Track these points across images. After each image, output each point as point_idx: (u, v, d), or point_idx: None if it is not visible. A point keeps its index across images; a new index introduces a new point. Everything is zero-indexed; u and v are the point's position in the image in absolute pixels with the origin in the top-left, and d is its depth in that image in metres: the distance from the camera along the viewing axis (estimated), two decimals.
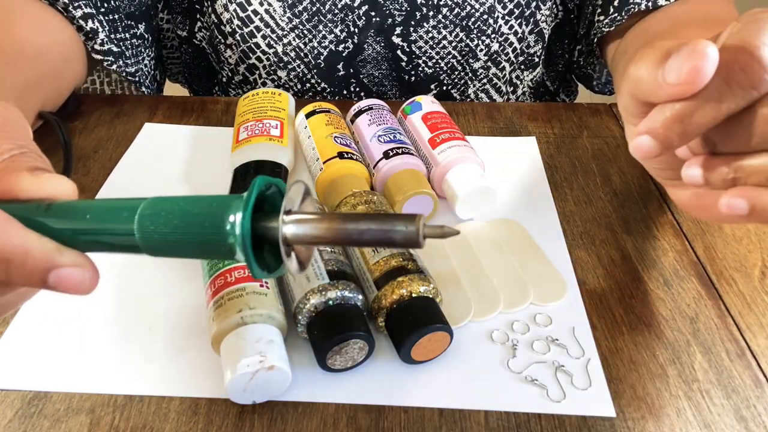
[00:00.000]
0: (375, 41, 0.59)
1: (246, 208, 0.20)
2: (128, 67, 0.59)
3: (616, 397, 0.34)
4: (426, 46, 0.60)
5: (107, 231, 0.22)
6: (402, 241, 0.20)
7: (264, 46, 0.60)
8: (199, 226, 0.21)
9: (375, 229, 0.20)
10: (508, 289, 0.40)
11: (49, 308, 0.39)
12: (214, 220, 0.21)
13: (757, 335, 0.38)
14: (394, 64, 0.61)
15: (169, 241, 0.21)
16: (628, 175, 0.52)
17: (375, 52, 0.60)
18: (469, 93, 0.65)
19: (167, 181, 0.50)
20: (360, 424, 0.33)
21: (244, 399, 0.33)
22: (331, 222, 0.21)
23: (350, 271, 0.37)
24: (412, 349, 0.34)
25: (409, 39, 0.59)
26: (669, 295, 0.41)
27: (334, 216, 0.21)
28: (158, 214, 0.21)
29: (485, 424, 0.33)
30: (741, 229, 0.46)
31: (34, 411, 0.33)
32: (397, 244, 0.20)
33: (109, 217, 0.22)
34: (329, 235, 0.21)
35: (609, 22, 0.56)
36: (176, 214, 0.21)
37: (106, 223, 0.22)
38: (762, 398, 0.34)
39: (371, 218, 0.21)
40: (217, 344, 0.33)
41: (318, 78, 0.62)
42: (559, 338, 0.37)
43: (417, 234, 0.20)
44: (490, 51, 0.62)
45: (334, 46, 0.60)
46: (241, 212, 0.20)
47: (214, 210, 0.21)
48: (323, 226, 0.21)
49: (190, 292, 0.40)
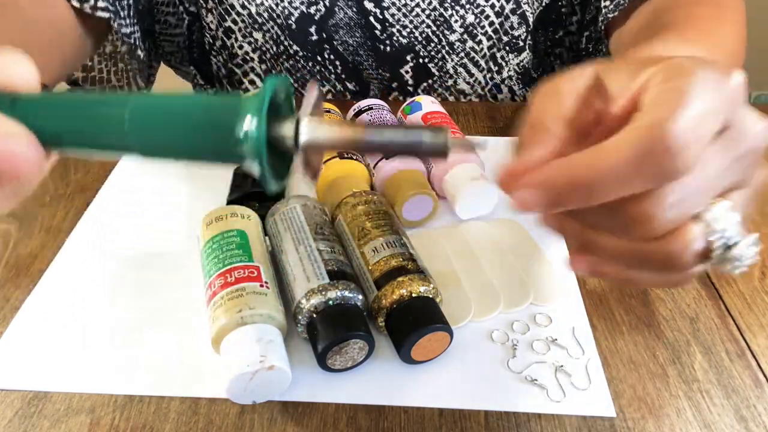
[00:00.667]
0: (346, 5, 0.60)
1: (261, 115, 0.19)
2: (123, 28, 0.57)
3: (616, 397, 0.34)
4: (399, 13, 0.60)
5: (94, 130, 0.20)
6: (429, 149, 0.20)
7: (238, 7, 0.61)
8: (206, 131, 0.20)
9: (401, 139, 0.20)
10: (508, 289, 0.40)
11: (49, 308, 0.39)
12: (223, 126, 0.19)
13: (757, 335, 0.38)
14: (368, 32, 0.61)
15: (167, 144, 0.20)
16: None
17: (347, 17, 0.60)
18: (448, 68, 0.64)
19: (168, 180, 0.50)
20: (360, 424, 0.33)
21: (244, 399, 0.33)
22: (355, 128, 0.20)
23: (350, 271, 0.37)
24: (412, 349, 0.34)
25: (381, 5, 0.59)
26: (669, 295, 0.41)
27: (360, 123, 0.21)
28: (156, 115, 0.20)
29: (485, 424, 0.33)
30: None
31: (34, 411, 0.33)
32: (423, 152, 0.20)
33: (96, 114, 0.20)
34: (351, 142, 0.20)
35: (613, 7, 0.56)
36: (178, 116, 0.20)
37: (93, 123, 0.20)
38: (762, 398, 0.34)
39: (397, 128, 0.21)
40: (217, 344, 0.33)
41: (290, 40, 0.62)
42: (559, 338, 0.37)
43: (446, 143, 0.20)
44: (466, 22, 0.61)
45: (305, 7, 0.60)
46: (256, 118, 0.19)
47: (222, 114, 0.20)
48: (346, 132, 0.20)
49: (190, 292, 0.40)
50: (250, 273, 0.35)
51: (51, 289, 0.40)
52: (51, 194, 0.49)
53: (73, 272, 0.41)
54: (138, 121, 0.20)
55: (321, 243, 0.37)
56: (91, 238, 0.44)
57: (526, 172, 0.21)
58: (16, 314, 0.38)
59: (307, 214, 0.40)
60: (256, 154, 0.19)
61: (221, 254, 0.37)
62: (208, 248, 0.38)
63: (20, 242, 0.44)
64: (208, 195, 0.48)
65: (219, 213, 0.40)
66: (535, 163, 0.22)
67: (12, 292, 0.40)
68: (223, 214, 0.39)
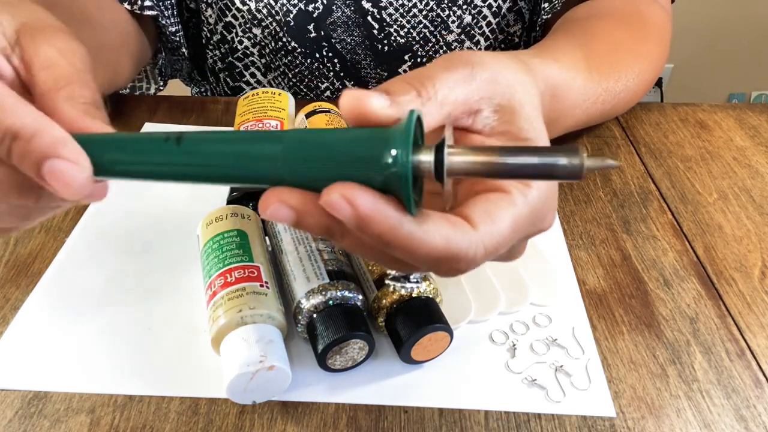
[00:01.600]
0: (344, 4, 0.60)
1: (408, 146, 0.20)
2: (171, 27, 0.59)
3: (616, 397, 0.34)
4: (396, 13, 0.60)
5: (250, 168, 0.22)
6: (564, 175, 0.20)
7: (238, 2, 0.61)
8: (356, 162, 0.21)
9: (536, 163, 0.20)
10: (508, 289, 0.40)
11: (49, 308, 0.39)
12: (373, 157, 0.21)
13: (757, 335, 0.38)
14: (366, 31, 0.61)
15: (319, 175, 0.22)
16: (628, 175, 0.52)
17: (345, 16, 0.60)
18: None
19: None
20: (360, 424, 0.33)
21: (244, 399, 0.33)
22: (490, 155, 0.21)
23: (350, 271, 0.37)
24: (412, 349, 0.34)
25: (379, 5, 0.60)
26: (669, 295, 0.41)
27: (494, 148, 0.21)
28: (309, 150, 0.22)
29: (485, 424, 0.33)
30: (741, 229, 0.46)
31: (34, 411, 0.33)
32: (558, 177, 0.20)
33: (252, 155, 0.22)
34: (487, 168, 0.21)
35: (549, 9, 0.57)
36: (329, 149, 0.21)
37: (246, 156, 0.22)
38: (762, 398, 0.34)
39: (531, 151, 0.21)
40: (217, 344, 0.33)
41: (289, 37, 0.62)
42: (558, 338, 0.37)
43: (581, 167, 0.20)
44: (463, 23, 0.61)
45: (303, 5, 0.60)
46: (404, 150, 0.20)
47: (372, 145, 0.21)
48: (483, 159, 0.21)
49: (190, 292, 0.40)
50: (250, 273, 0.35)
51: (51, 289, 0.40)
52: None
53: (73, 272, 0.41)
54: (292, 156, 0.22)
55: (321, 243, 0.37)
56: (91, 238, 0.44)
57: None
58: (16, 314, 0.38)
59: None
60: (404, 184, 0.21)
61: (221, 254, 0.37)
62: (208, 248, 0.38)
63: (20, 242, 0.44)
64: (208, 195, 0.48)
65: (219, 213, 0.40)
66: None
67: (12, 292, 0.40)
68: (223, 214, 0.39)
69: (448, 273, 0.24)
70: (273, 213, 0.22)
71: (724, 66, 1.85)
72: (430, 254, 0.22)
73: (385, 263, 0.25)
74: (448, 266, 0.23)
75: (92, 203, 0.47)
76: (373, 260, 0.25)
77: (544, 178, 0.21)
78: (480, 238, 0.23)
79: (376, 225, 0.21)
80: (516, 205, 0.24)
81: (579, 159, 0.20)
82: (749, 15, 1.74)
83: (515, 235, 0.24)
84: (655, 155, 0.55)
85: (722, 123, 0.60)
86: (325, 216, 0.22)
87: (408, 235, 0.21)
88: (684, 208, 0.48)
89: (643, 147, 0.56)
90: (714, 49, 1.81)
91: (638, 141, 0.57)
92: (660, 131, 0.58)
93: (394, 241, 0.21)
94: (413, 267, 0.24)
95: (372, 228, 0.21)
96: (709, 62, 1.84)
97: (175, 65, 0.68)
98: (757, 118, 0.60)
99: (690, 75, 1.87)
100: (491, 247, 0.23)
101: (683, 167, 0.53)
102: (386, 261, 0.25)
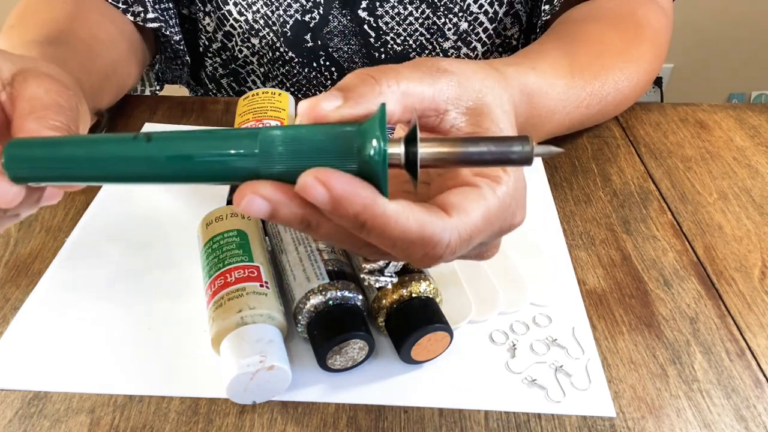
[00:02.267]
0: (340, 13, 0.60)
1: (377, 133, 0.22)
2: (175, 36, 0.60)
3: (616, 397, 0.34)
4: (392, 22, 0.60)
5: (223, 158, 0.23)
6: (518, 160, 0.22)
7: (236, 13, 0.61)
8: (331, 154, 0.22)
9: (494, 150, 0.23)
10: (507, 289, 0.40)
11: (49, 308, 0.39)
12: (346, 149, 0.22)
13: (757, 335, 0.38)
14: (362, 40, 0.62)
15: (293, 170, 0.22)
16: (628, 175, 0.52)
17: (341, 25, 0.61)
18: None
19: None
20: (360, 424, 0.33)
21: (244, 399, 0.33)
22: (454, 145, 0.23)
23: (350, 271, 0.37)
24: (412, 349, 0.34)
25: (375, 14, 0.60)
26: (669, 295, 0.41)
27: (456, 139, 0.23)
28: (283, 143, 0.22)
29: (485, 424, 0.33)
30: (741, 229, 0.46)
31: (34, 411, 0.33)
32: (512, 163, 0.23)
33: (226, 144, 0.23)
34: (453, 157, 0.23)
35: (549, 10, 0.57)
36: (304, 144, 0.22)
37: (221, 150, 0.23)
38: (762, 398, 0.34)
39: (488, 141, 0.23)
40: (217, 344, 0.33)
41: (286, 47, 0.62)
42: (558, 338, 0.37)
43: (531, 153, 0.22)
44: (459, 30, 0.61)
45: (300, 15, 0.60)
46: (380, 141, 0.22)
47: (345, 139, 0.22)
48: (448, 149, 0.23)
49: (190, 292, 0.40)
50: (250, 273, 0.35)
51: (51, 289, 0.40)
52: None
53: (73, 272, 0.41)
54: (267, 151, 0.23)
55: (321, 243, 0.37)
56: (91, 238, 0.44)
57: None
58: (16, 314, 0.38)
59: None
60: (381, 173, 0.22)
61: (221, 254, 0.37)
62: (208, 248, 0.38)
63: (20, 242, 0.44)
64: (208, 195, 0.48)
65: (219, 213, 0.40)
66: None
67: (12, 292, 0.40)
68: (223, 214, 0.39)
69: (423, 260, 0.24)
70: (247, 205, 0.22)
71: (724, 66, 1.85)
72: (405, 236, 0.23)
73: (361, 251, 0.25)
74: (423, 251, 0.23)
75: (92, 206, 0.47)
76: (349, 249, 0.25)
77: (501, 163, 0.23)
78: (454, 224, 0.24)
79: (351, 205, 0.21)
80: (486, 198, 0.25)
81: (529, 146, 0.22)
82: (749, 15, 1.74)
83: (487, 226, 0.25)
84: (655, 155, 0.55)
85: (722, 123, 0.60)
86: (301, 205, 0.22)
87: (383, 214, 0.22)
88: (684, 208, 0.48)
89: (643, 147, 0.56)
90: (714, 49, 1.81)
91: (638, 141, 0.57)
92: (660, 131, 0.58)
93: (370, 220, 0.22)
94: (388, 254, 0.25)
95: (347, 208, 0.21)
96: (709, 62, 1.84)
97: (175, 72, 0.68)
98: (757, 118, 0.60)
99: (690, 75, 1.87)
100: (465, 234, 0.24)
101: (683, 167, 0.53)
102: (362, 248, 0.25)
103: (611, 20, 0.52)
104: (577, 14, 0.54)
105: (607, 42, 0.50)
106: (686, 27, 1.73)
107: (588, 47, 0.48)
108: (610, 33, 0.51)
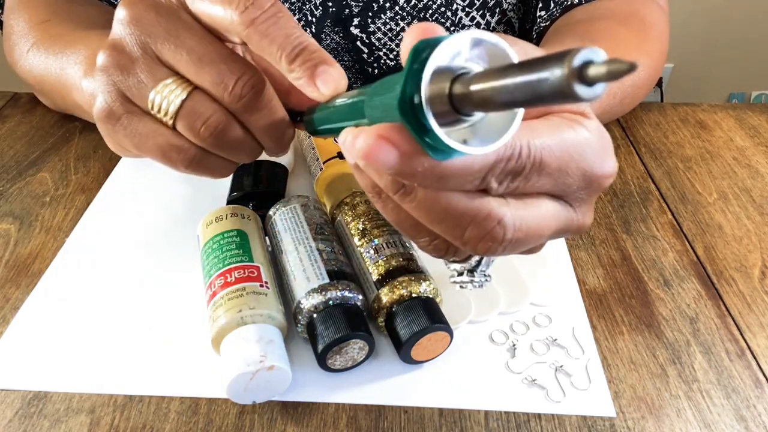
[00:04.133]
0: (333, 31, 0.60)
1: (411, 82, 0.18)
2: None
3: (616, 397, 0.34)
4: (385, 38, 0.60)
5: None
6: (551, 93, 0.14)
7: None
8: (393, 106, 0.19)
9: (521, 81, 0.15)
10: (508, 289, 0.40)
11: (49, 308, 0.39)
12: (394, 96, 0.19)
13: (757, 335, 0.38)
14: (355, 56, 0.62)
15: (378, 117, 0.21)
16: (628, 175, 0.52)
17: (334, 42, 0.61)
18: None
19: (168, 180, 0.50)
20: (360, 424, 0.33)
21: (244, 399, 0.33)
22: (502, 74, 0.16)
23: (350, 271, 0.37)
24: (412, 349, 0.34)
25: (367, 30, 0.60)
26: (669, 295, 0.41)
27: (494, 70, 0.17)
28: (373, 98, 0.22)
29: (485, 424, 0.33)
30: (741, 229, 0.46)
31: (34, 411, 0.33)
32: (546, 100, 0.15)
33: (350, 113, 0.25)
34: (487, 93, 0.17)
35: (547, 16, 0.57)
36: (379, 98, 0.21)
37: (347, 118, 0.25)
38: (762, 398, 0.34)
39: (518, 67, 0.15)
40: (217, 344, 0.33)
41: None
42: (558, 338, 0.37)
43: (566, 79, 0.13)
44: None
45: None
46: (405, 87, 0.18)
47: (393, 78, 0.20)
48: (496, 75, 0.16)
49: (190, 292, 0.40)
50: (250, 273, 0.35)
51: (51, 289, 0.40)
52: (51, 194, 0.49)
53: (73, 272, 0.41)
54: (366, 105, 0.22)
55: (321, 243, 0.37)
56: (91, 238, 0.44)
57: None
58: (16, 314, 0.38)
59: (307, 214, 0.40)
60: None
61: (221, 254, 0.37)
62: (208, 248, 0.38)
63: (20, 242, 0.44)
64: (208, 195, 0.48)
65: (219, 213, 0.40)
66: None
67: (12, 292, 0.40)
68: (223, 214, 0.39)
69: (501, 177, 0.21)
70: (374, 152, 0.19)
71: (724, 66, 1.85)
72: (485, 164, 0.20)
73: (442, 224, 0.22)
74: (499, 168, 0.20)
75: (92, 206, 0.47)
76: (435, 224, 0.22)
77: (533, 103, 0.15)
78: (523, 137, 0.20)
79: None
80: (559, 126, 0.22)
81: (563, 68, 0.13)
82: (749, 15, 1.74)
83: (563, 154, 0.21)
84: (655, 155, 0.55)
85: (722, 123, 0.60)
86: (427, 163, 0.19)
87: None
88: (684, 208, 0.48)
89: (643, 147, 0.56)
90: (714, 49, 1.81)
91: (638, 141, 0.57)
92: (660, 131, 0.58)
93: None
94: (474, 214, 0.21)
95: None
96: (709, 62, 1.84)
97: None
98: (757, 118, 0.60)
99: (690, 75, 1.87)
100: (536, 151, 0.20)
101: (683, 167, 0.53)
102: (443, 221, 0.22)
103: (618, 18, 0.53)
104: (580, 15, 0.54)
105: (620, 37, 0.50)
106: (686, 27, 1.73)
107: (605, 41, 0.49)
108: (620, 29, 0.51)
